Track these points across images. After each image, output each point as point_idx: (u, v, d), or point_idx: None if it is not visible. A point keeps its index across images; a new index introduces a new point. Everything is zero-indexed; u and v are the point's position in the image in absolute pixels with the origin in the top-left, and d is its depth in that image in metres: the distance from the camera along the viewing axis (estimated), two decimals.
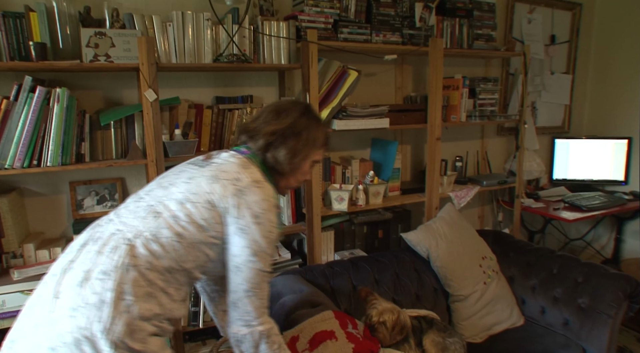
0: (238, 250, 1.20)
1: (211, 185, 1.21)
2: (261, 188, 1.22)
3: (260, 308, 1.22)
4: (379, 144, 2.69)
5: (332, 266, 2.24)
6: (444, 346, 1.84)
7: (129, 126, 2.04)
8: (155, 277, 1.11)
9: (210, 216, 1.19)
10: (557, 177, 3.46)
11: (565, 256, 2.37)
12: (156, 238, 1.14)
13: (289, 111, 1.37)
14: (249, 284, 1.20)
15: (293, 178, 1.41)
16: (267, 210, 1.20)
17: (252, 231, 1.19)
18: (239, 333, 1.21)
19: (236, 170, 1.24)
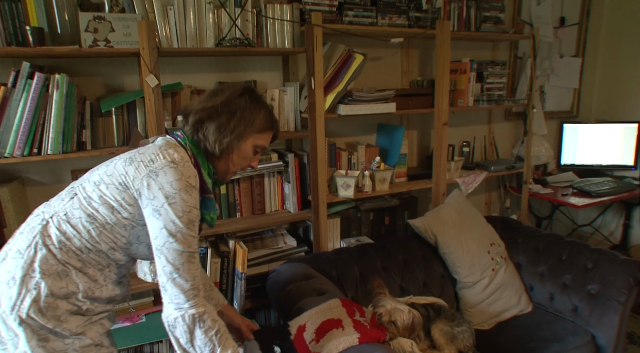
0: (156, 232, 1.16)
1: (126, 167, 1.19)
2: (175, 168, 1.17)
3: (189, 290, 1.17)
4: (385, 129, 2.65)
5: (339, 254, 2.21)
6: (453, 335, 1.82)
7: (131, 112, 2.00)
8: (68, 257, 1.13)
9: (122, 197, 1.17)
10: (565, 162, 3.41)
11: (575, 242, 2.34)
12: (68, 218, 1.16)
13: (225, 91, 1.32)
14: (173, 266, 1.16)
15: (230, 161, 1.34)
16: (180, 189, 1.15)
17: (166, 212, 1.15)
18: (171, 317, 1.17)
19: (154, 152, 1.20)
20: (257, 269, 2.26)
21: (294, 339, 1.63)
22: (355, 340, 1.50)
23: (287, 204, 2.41)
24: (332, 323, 1.62)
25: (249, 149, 1.34)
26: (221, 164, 1.35)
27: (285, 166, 2.32)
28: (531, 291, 2.39)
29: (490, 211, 3.36)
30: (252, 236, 2.42)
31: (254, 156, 1.38)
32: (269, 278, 2.08)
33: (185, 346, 1.19)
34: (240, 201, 2.31)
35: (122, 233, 1.20)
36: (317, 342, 1.56)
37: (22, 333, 1.07)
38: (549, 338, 2.05)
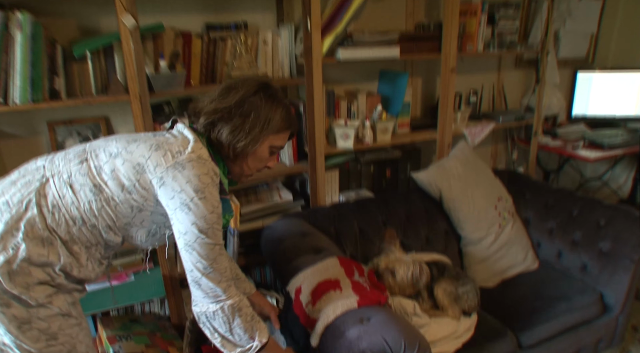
0: (185, 227, 1.10)
1: (150, 151, 1.12)
2: (202, 164, 1.12)
3: (223, 282, 1.15)
4: (388, 76, 2.46)
5: (337, 209, 2.10)
6: (457, 295, 1.73)
7: (108, 57, 1.82)
8: (57, 225, 1.05)
9: (136, 179, 1.10)
10: (576, 114, 3.23)
11: (587, 198, 2.21)
12: (71, 182, 1.07)
13: (239, 88, 1.22)
14: (206, 261, 1.12)
15: (245, 164, 1.27)
16: (208, 184, 1.11)
17: (196, 207, 1.09)
18: (209, 311, 1.15)
19: (182, 144, 1.14)
20: (251, 225, 2.15)
21: (294, 306, 1.53)
22: (354, 303, 1.40)
23: (282, 156, 2.26)
24: (329, 284, 1.52)
25: (265, 151, 1.27)
26: (235, 166, 1.29)
27: None
28: (538, 248, 2.29)
29: (496, 164, 3.22)
30: (246, 190, 2.29)
31: (270, 156, 1.30)
32: (263, 235, 1.97)
33: (225, 335, 1.18)
34: None
35: (126, 213, 1.12)
36: (313, 305, 1.47)
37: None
38: (556, 296, 1.96)
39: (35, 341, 1.01)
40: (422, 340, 1.34)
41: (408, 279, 1.65)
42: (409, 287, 1.67)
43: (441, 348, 1.62)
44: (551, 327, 1.84)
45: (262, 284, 2.30)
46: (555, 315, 1.86)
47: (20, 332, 0.99)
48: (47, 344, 1.02)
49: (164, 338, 1.97)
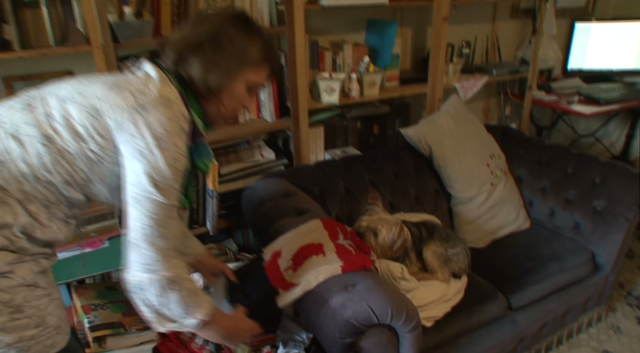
0: (135, 178, 0.96)
1: (107, 91, 0.98)
2: (168, 107, 0.98)
3: (165, 250, 1.00)
4: (376, 25, 2.29)
5: (322, 168, 1.99)
6: (447, 257, 1.65)
7: (65, 3, 1.63)
8: (7, 182, 0.92)
9: (91, 125, 0.95)
10: (572, 67, 3.09)
11: (582, 155, 2.13)
12: (17, 134, 0.93)
13: (212, 19, 1.08)
14: (151, 220, 0.97)
15: (221, 103, 1.11)
16: (172, 133, 0.97)
17: (153, 157, 0.95)
18: (139, 281, 0.99)
19: (146, 83, 1.01)
20: (232, 185, 2.05)
21: (266, 266, 1.44)
22: (338, 269, 1.31)
23: (263, 112, 2.12)
24: (311, 248, 1.43)
25: (241, 88, 1.11)
26: (210, 106, 1.12)
27: None
28: (530, 207, 2.22)
29: (487, 120, 3.11)
30: (226, 148, 2.16)
31: (248, 95, 1.14)
32: (243, 197, 1.87)
33: (158, 308, 1.03)
34: None
35: (83, 167, 0.98)
36: (294, 270, 1.38)
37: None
38: (547, 256, 1.91)
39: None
40: (410, 306, 1.27)
41: (389, 240, 1.57)
42: (389, 249, 1.59)
43: (430, 313, 1.56)
44: (542, 288, 1.79)
45: (245, 248, 2.22)
46: (546, 275, 1.81)
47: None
48: (10, 318, 0.91)
49: None
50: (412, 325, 1.26)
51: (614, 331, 2.12)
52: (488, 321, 1.68)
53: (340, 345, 1.21)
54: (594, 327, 2.14)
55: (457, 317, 1.61)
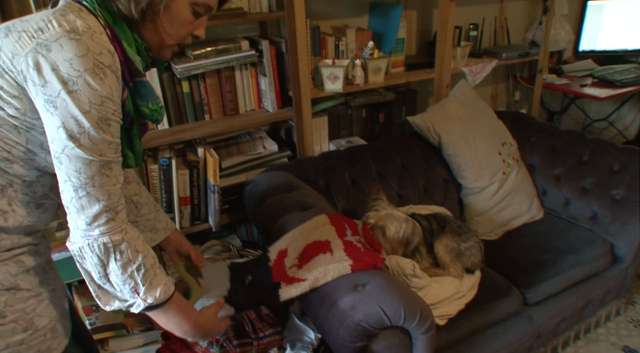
0: (53, 133, 0.81)
1: (3, 40, 0.81)
2: (77, 40, 0.79)
3: (100, 212, 0.86)
4: (379, 8, 2.18)
5: (326, 159, 1.91)
6: (459, 252, 1.57)
7: None
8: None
9: (1, 85, 0.81)
10: (583, 49, 2.98)
11: (599, 140, 2.03)
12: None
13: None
14: (77, 179, 0.84)
15: (161, 28, 0.93)
16: (85, 71, 0.79)
17: (64, 104, 0.79)
18: (76, 246, 0.88)
19: (44, 18, 0.82)
20: (235, 179, 1.97)
21: (272, 266, 1.37)
22: (347, 268, 1.24)
23: (264, 102, 2.03)
24: (318, 246, 1.35)
25: (185, 9, 0.92)
26: (149, 33, 0.94)
27: (260, 57, 1.90)
28: (543, 197, 2.13)
29: (496, 105, 3.01)
30: (227, 141, 2.08)
31: (195, 19, 0.95)
32: (245, 191, 1.80)
33: (99, 282, 0.91)
34: (208, 100, 1.94)
35: (14, 138, 0.86)
36: (299, 267, 1.31)
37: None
38: (564, 248, 1.83)
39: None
40: (424, 307, 1.19)
41: (400, 237, 1.49)
42: (400, 246, 1.51)
43: (443, 311, 1.48)
44: (559, 282, 1.72)
45: (250, 243, 2.14)
46: (562, 269, 1.73)
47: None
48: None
49: None
50: (426, 326, 1.19)
51: (634, 325, 2.05)
52: (503, 318, 1.61)
53: (351, 349, 1.14)
54: (612, 321, 2.07)
55: (471, 314, 1.54)
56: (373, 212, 1.51)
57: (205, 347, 1.42)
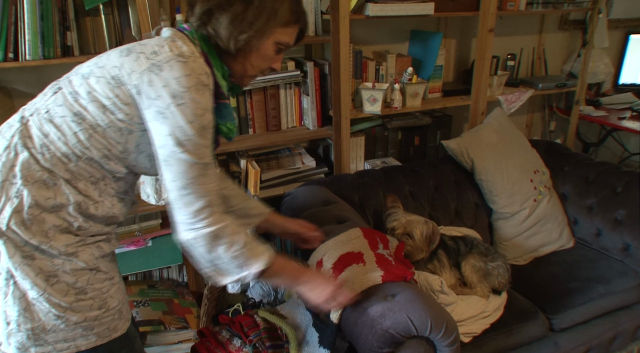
0: (161, 140, 0.96)
1: (121, 58, 0.98)
2: (184, 63, 0.95)
3: (202, 208, 1.00)
4: (420, 36, 2.28)
5: (362, 176, 1.99)
6: (486, 271, 1.62)
7: (122, 11, 1.72)
8: (52, 165, 0.95)
9: (115, 94, 0.96)
10: (624, 82, 2.99)
11: (633, 173, 2.04)
12: (50, 117, 0.96)
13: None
14: (183, 180, 0.97)
15: (248, 62, 1.10)
16: (190, 88, 0.95)
17: (173, 115, 0.94)
18: (185, 239, 1.02)
19: (158, 43, 0.99)
20: (272, 191, 2.07)
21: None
22: (379, 279, 1.31)
23: (305, 120, 2.15)
24: (351, 257, 1.43)
25: (270, 48, 1.10)
26: (237, 65, 1.11)
27: (304, 77, 2.03)
28: (574, 226, 2.14)
29: (531, 134, 3.03)
30: (267, 155, 2.20)
31: (276, 55, 1.13)
32: (284, 203, 1.89)
33: (209, 266, 1.06)
34: (252, 116, 2.07)
35: (117, 139, 1.00)
36: (334, 278, 1.38)
37: (3, 247, 0.91)
38: (593, 278, 1.84)
39: (64, 294, 0.95)
40: (450, 320, 1.25)
41: (423, 240, 1.56)
42: (424, 249, 1.58)
43: (468, 329, 1.53)
44: (586, 310, 1.73)
45: (283, 253, 2.24)
46: (591, 298, 1.74)
47: (48, 284, 0.93)
48: (76, 298, 0.96)
49: (182, 305, 1.94)
50: (451, 339, 1.24)
51: None
52: (528, 341, 1.63)
53: None
54: None
55: (496, 335, 1.57)
56: (395, 222, 1.58)
57: (238, 346, 1.50)
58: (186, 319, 1.87)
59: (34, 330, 0.92)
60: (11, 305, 0.91)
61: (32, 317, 0.92)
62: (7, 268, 0.91)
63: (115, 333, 1.03)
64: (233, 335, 1.52)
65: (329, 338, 1.33)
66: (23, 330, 0.92)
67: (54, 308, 0.93)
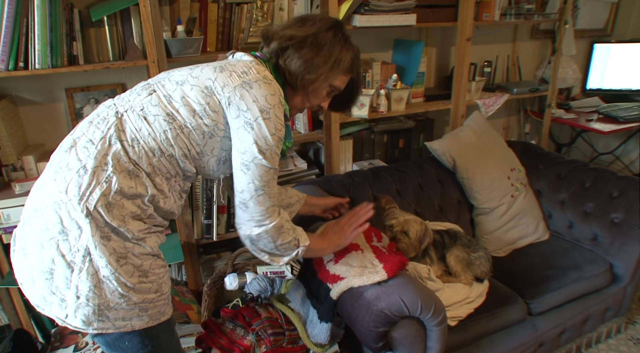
0: (245, 147, 1.11)
1: (216, 73, 1.13)
2: (270, 84, 1.12)
3: (270, 206, 1.17)
4: (403, 45, 2.44)
5: (352, 177, 2.12)
6: (469, 261, 1.75)
7: (125, 22, 1.81)
8: (139, 157, 1.06)
9: (206, 102, 1.10)
10: (591, 87, 3.20)
11: (600, 169, 2.21)
12: (145, 115, 1.09)
13: (316, 21, 1.23)
14: (258, 182, 1.13)
15: (305, 97, 1.28)
16: (274, 106, 1.11)
17: (259, 127, 1.10)
18: (253, 234, 1.19)
19: (246, 65, 1.16)
20: None
21: (314, 261, 1.57)
22: (384, 274, 1.41)
23: (296, 124, 2.27)
24: (350, 247, 1.54)
25: (325, 89, 1.28)
26: (295, 97, 1.28)
27: None
28: (549, 219, 2.30)
29: (508, 136, 3.21)
30: None
31: (327, 96, 1.31)
32: None
33: (271, 252, 1.24)
34: None
35: (198, 141, 1.13)
36: (335, 262, 1.50)
37: (88, 226, 0.99)
38: (566, 266, 1.99)
39: (130, 275, 1.04)
40: (438, 302, 1.37)
41: (418, 237, 1.69)
42: (418, 245, 1.71)
43: (454, 313, 1.66)
44: (561, 294, 1.87)
45: None
46: (565, 283, 1.89)
47: (118, 265, 1.02)
48: (139, 280, 1.05)
49: (182, 302, 2.02)
50: (439, 319, 1.37)
51: (634, 342, 2.18)
52: (509, 324, 1.77)
53: (374, 333, 1.32)
54: (613, 338, 2.20)
55: (480, 318, 1.70)
56: (394, 220, 1.70)
57: (242, 335, 1.60)
58: (187, 315, 1.96)
59: (100, 306, 1.01)
60: (84, 280, 0.99)
61: (100, 293, 1.01)
62: (86, 246, 1.00)
63: (163, 317, 1.13)
64: (236, 325, 1.62)
65: (329, 312, 1.45)
66: (91, 304, 1.00)
67: (120, 287, 1.02)
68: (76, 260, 1.00)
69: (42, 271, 1.01)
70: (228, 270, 2.08)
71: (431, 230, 1.74)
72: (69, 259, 1.00)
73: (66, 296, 1.01)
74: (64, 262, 1.00)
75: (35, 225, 1.03)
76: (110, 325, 1.04)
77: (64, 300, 1.01)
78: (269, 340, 1.55)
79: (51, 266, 1.00)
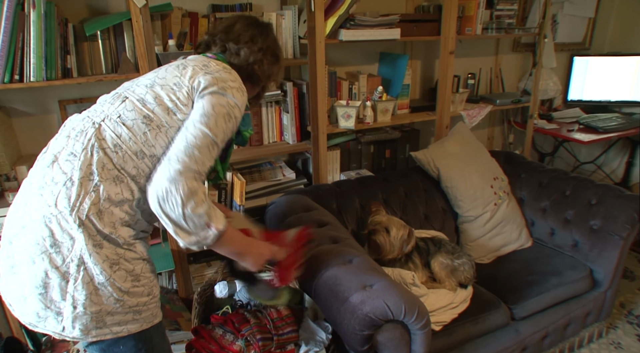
0: (195, 115, 1.15)
1: (180, 69, 1.21)
2: (230, 72, 1.24)
3: (197, 170, 1.09)
4: (388, 58, 2.51)
5: (339, 186, 2.17)
6: (453, 268, 1.81)
7: (118, 37, 1.86)
8: (124, 162, 1.10)
9: (176, 97, 1.16)
10: (572, 98, 3.29)
11: (580, 178, 2.29)
12: (122, 121, 1.13)
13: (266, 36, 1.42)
14: (191, 141, 1.11)
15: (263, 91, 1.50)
16: (234, 88, 1.21)
17: (213, 97, 1.16)
18: (162, 189, 1.05)
19: (204, 60, 1.26)
20: (256, 202, 2.22)
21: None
22: None
23: (285, 135, 2.32)
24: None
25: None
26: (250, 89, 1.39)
27: (284, 96, 2.21)
28: (532, 227, 2.37)
29: (492, 146, 3.29)
30: (250, 168, 2.36)
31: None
32: (268, 211, 2.04)
33: (177, 221, 1.08)
34: None
35: (174, 136, 1.15)
36: None
37: (81, 236, 1.02)
38: (548, 271, 2.05)
39: (124, 280, 1.07)
40: (421, 306, 1.42)
41: (398, 240, 1.74)
42: (398, 247, 1.75)
43: (439, 318, 1.70)
44: (543, 299, 1.93)
45: None
46: (547, 288, 1.95)
47: (112, 271, 1.05)
48: (132, 284, 1.09)
49: (173, 309, 2.05)
50: (422, 323, 1.41)
51: (614, 347, 2.23)
52: (492, 328, 1.82)
53: (360, 337, 1.36)
54: (595, 343, 2.26)
55: (464, 323, 1.75)
56: (377, 217, 1.76)
57: (231, 341, 1.64)
58: (178, 322, 1.98)
59: (97, 313, 1.04)
60: (80, 289, 1.02)
61: (97, 300, 1.04)
62: (80, 255, 1.03)
63: (156, 319, 1.17)
64: (226, 331, 1.65)
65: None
66: (88, 313, 1.03)
67: (115, 292, 1.05)
68: (70, 270, 1.02)
69: (35, 287, 1.03)
70: (218, 278, 2.11)
71: (416, 236, 1.79)
72: (63, 270, 1.02)
73: (62, 308, 1.03)
74: (58, 274, 1.02)
75: (24, 241, 1.05)
76: (108, 330, 1.08)
77: (60, 313, 1.03)
78: (258, 345, 1.58)
79: (45, 280, 1.02)
